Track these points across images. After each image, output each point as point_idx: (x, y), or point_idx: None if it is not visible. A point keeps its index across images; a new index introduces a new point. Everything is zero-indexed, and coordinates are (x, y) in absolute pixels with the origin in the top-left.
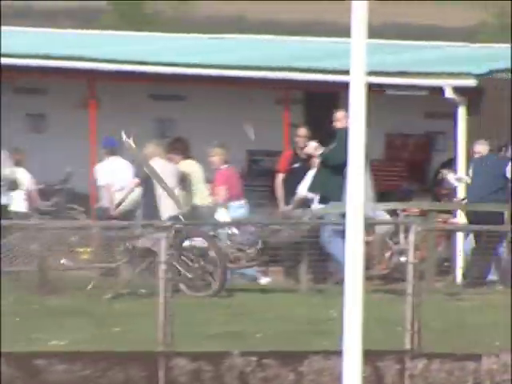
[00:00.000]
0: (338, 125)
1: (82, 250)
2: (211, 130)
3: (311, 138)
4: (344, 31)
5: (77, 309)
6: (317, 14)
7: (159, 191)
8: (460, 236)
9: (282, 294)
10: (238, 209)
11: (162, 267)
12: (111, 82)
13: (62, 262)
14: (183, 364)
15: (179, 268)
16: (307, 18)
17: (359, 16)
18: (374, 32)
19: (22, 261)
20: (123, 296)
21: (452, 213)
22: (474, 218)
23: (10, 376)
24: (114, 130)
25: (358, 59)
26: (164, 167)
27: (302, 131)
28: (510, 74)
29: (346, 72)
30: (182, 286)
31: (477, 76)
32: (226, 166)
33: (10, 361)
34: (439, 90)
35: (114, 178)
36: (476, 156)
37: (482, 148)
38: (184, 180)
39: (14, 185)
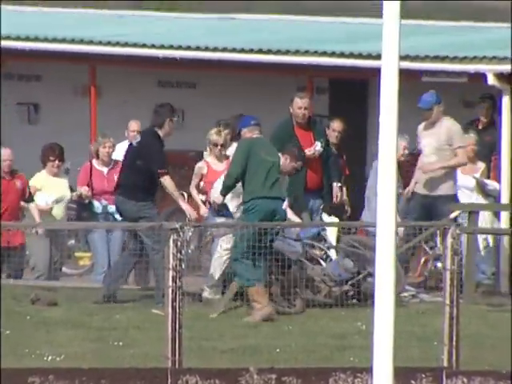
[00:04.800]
0: None
1: (81, 255)
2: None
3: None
4: (374, 11)
5: (73, 320)
6: None
7: None
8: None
9: None
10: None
11: (170, 274)
12: (113, 67)
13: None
14: (194, 382)
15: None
16: None
17: None
18: (409, 11)
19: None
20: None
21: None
22: None
23: None
24: (116, 121)
25: (390, 42)
26: None
27: (338, 125)
28: None
29: (377, 57)
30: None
31: None
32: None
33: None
34: (480, 77)
35: None
36: None
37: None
38: None
39: None
